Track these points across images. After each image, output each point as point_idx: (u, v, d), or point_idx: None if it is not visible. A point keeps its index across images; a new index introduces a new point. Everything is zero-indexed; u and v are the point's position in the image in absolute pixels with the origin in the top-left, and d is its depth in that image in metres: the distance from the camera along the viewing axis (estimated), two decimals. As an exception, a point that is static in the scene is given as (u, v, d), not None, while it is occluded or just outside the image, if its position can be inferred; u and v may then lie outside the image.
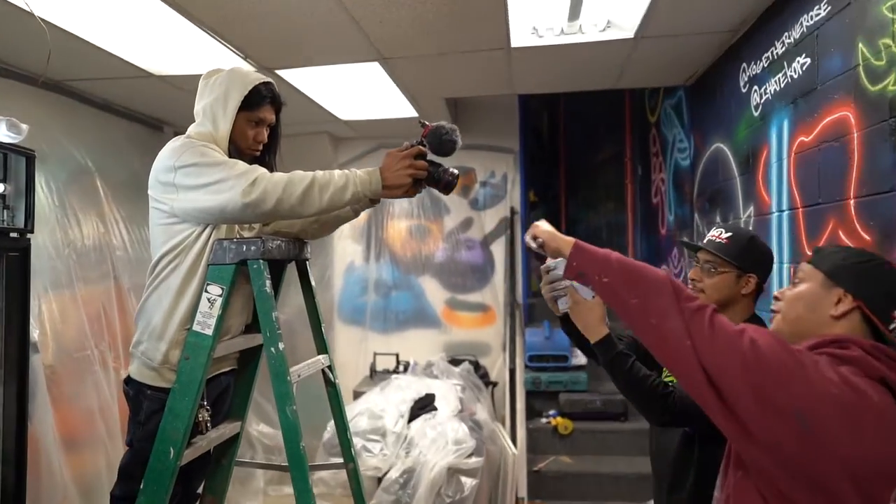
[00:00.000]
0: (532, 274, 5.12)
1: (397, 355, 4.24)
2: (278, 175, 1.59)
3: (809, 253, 1.87)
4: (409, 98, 3.72)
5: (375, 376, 4.15)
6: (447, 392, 3.28)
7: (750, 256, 1.71)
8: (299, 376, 1.72)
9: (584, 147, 5.35)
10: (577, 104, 5.40)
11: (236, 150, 1.76)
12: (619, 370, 1.63)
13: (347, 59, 2.99)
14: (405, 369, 4.04)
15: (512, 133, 4.85)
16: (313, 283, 1.99)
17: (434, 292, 4.87)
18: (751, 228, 2.75)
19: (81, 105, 3.42)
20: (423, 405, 3.09)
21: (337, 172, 1.62)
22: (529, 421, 3.97)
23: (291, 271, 2.04)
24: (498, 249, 4.86)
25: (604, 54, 3.01)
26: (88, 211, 3.25)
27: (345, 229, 4.90)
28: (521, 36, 2.76)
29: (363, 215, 4.65)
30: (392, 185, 1.65)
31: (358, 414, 3.05)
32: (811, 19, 2.17)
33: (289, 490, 4.08)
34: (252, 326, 1.92)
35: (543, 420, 3.98)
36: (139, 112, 3.91)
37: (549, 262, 1.88)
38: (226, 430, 1.92)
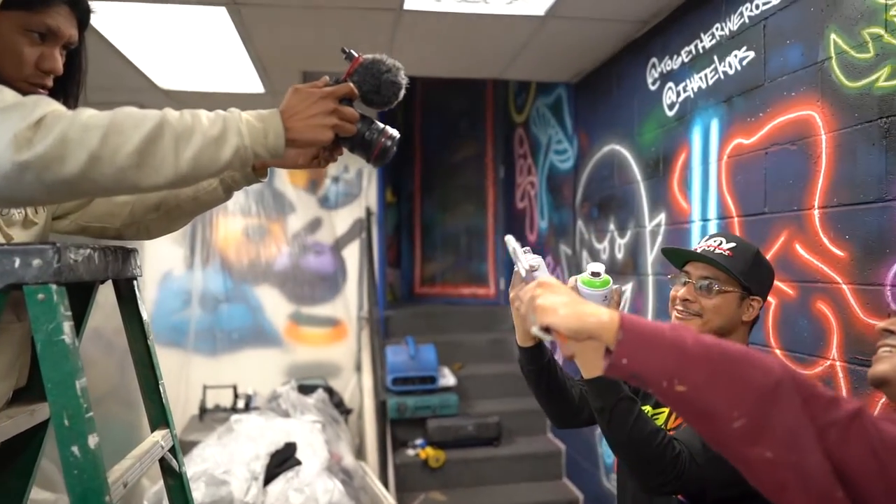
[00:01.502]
0: (391, 283, 4.60)
1: (235, 388, 3.41)
2: (88, 113, 0.87)
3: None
4: (257, 67, 2.98)
5: (206, 417, 3.27)
6: (309, 436, 2.61)
7: (756, 275, 1.37)
8: (125, 486, 1.00)
9: (442, 144, 4.97)
10: (436, 97, 5.00)
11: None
12: (622, 420, 1.18)
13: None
14: (246, 405, 3.25)
15: (368, 123, 4.27)
16: (145, 315, 1.26)
17: (275, 305, 4.10)
18: (659, 239, 2.52)
19: None
20: (283, 459, 2.39)
21: (204, 113, 0.92)
22: (395, 454, 3.44)
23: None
24: (351, 255, 4.25)
25: (505, 33, 2.59)
26: None
27: (160, 228, 3.92)
28: (417, -3, 2.24)
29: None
30: (301, 140, 0.97)
31: (192, 478, 2.25)
32: (755, 9, 1.95)
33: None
34: (26, 393, 1.14)
35: (411, 452, 3.47)
36: None
37: (527, 259, 1.40)
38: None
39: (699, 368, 0.75)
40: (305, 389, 3.47)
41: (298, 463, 2.41)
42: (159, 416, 1.24)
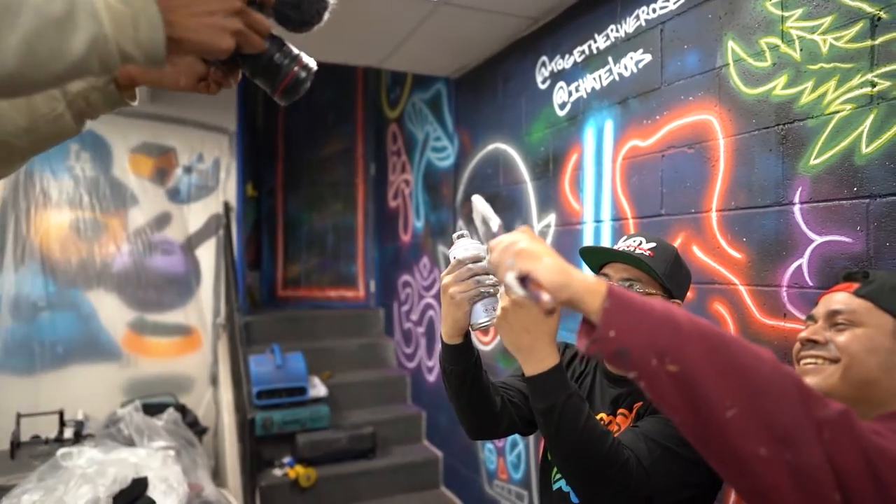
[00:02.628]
0: (251, 285, 4.19)
1: (61, 414, 2.82)
2: None
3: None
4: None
5: (21, 452, 2.63)
6: (162, 468, 2.20)
7: (677, 276, 1.33)
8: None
9: (309, 138, 4.64)
10: (302, 87, 4.65)
11: None
12: (572, 421, 1.06)
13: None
14: (77, 435, 2.69)
15: (228, 109, 3.86)
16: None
17: (112, 312, 3.53)
18: (549, 240, 2.50)
19: None
20: (132, 500, 1.97)
21: None
22: (260, 475, 3.10)
23: None
24: (206, 255, 3.80)
25: (394, 16, 2.42)
26: None
27: (-43, 220, 3.22)
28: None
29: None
30: (189, 41, 0.66)
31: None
32: (653, 12, 1.97)
33: None
34: None
35: (278, 472, 3.15)
36: None
37: (466, 240, 1.25)
38: None
39: (694, 348, 0.66)
40: (152, 409, 3.00)
41: (152, 502, 2.02)
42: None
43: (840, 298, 1.04)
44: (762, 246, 1.61)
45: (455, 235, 1.24)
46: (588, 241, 2.26)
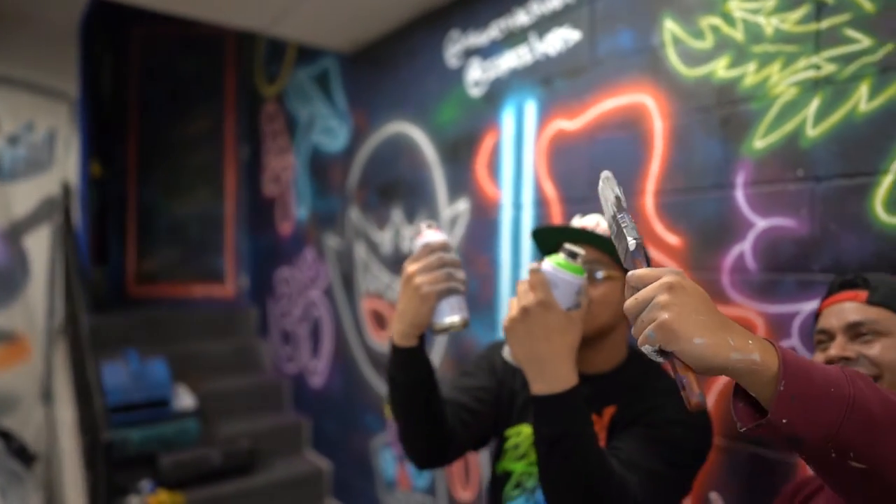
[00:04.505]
0: (95, 281, 3.57)
1: None
2: None
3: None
4: None
5: None
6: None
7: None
8: None
9: (167, 113, 4.07)
10: (160, 55, 4.08)
11: None
12: (582, 454, 0.91)
13: None
14: None
15: (66, 70, 3.24)
16: None
17: None
18: (461, 226, 2.34)
19: None
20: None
21: None
22: (112, 506, 2.60)
23: None
24: (37, 245, 3.16)
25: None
26: None
27: None
28: None
29: None
30: None
31: None
32: (581, -13, 1.88)
33: None
34: None
35: (135, 501, 2.67)
36: None
37: (434, 231, 1.05)
38: None
39: (890, 441, 0.53)
40: (-35, 436, 2.40)
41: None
42: None
43: (854, 308, 1.00)
44: (701, 231, 1.56)
45: (424, 224, 1.06)
46: (507, 226, 2.13)
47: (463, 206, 2.32)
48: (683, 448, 1.05)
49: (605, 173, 0.78)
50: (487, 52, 2.21)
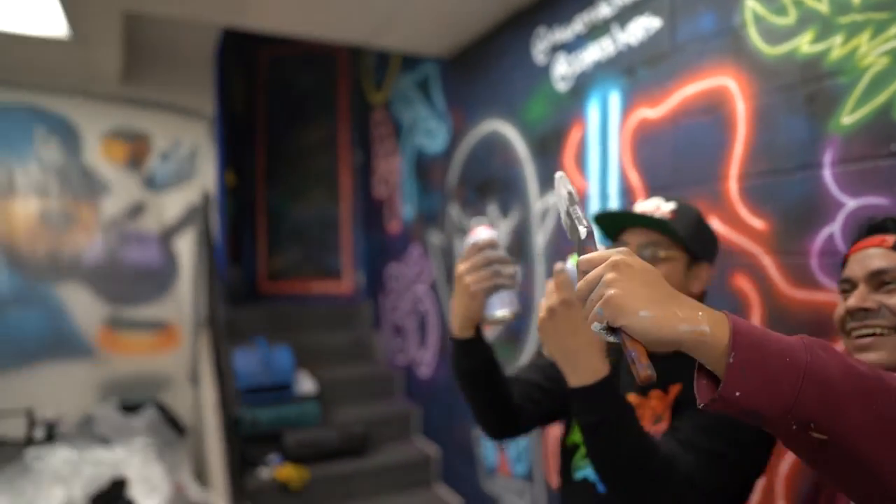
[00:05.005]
0: (232, 279, 4.01)
1: (30, 412, 2.63)
2: None
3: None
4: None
5: None
6: (143, 467, 2.05)
7: (701, 238, 1.22)
8: None
9: (290, 125, 4.48)
10: (282, 73, 4.49)
11: None
12: (622, 437, 0.96)
13: None
14: (48, 435, 2.52)
15: (204, 92, 3.68)
16: None
17: (84, 307, 3.34)
18: (550, 220, 2.39)
19: None
20: (110, 501, 1.82)
21: None
22: (246, 476, 2.94)
23: None
24: (184, 246, 3.62)
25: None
26: None
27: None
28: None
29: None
30: None
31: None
32: (661, -26, 1.87)
33: None
34: None
35: (265, 471, 2.99)
36: None
37: (484, 228, 1.14)
38: None
39: (852, 413, 0.51)
40: (130, 408, 2.83)
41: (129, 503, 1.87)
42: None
43: (878, 254, 0.92)
44: (788, 214, 1.51)
45: (473, 220, 1.16)
46: (593, 219, 2.15)
47: (553, 199, 2.37)
48: (746, 426, 1.05)
49: (559, 174, 0.82)
50: (572, 46, 2.25)
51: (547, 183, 2.40)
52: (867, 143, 1.34)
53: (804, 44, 1.47)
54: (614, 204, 2.06)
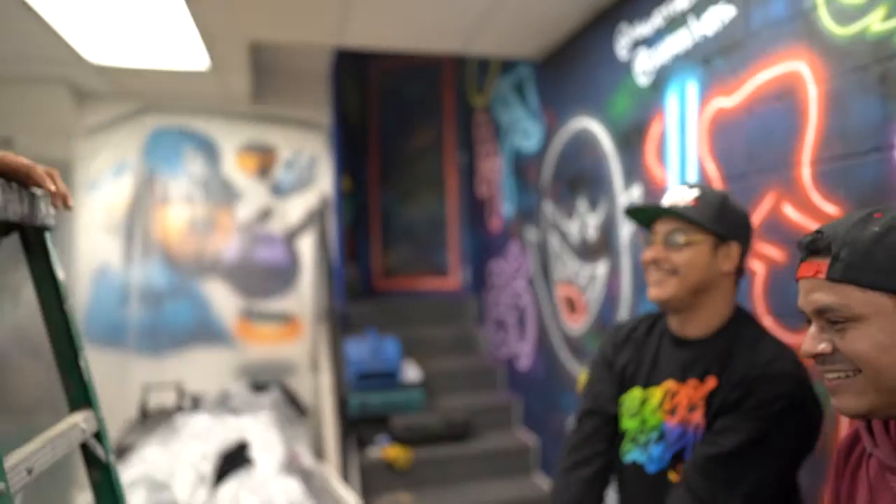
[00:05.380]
0: (350, 276, 4.38)
1: (180, 387, 3.13)
2: None
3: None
4: (203, 36, 2.74)
5: (149, 419, 2.99)
6: (264, 434, 2.39)
7: (726, 219, 1.29)
8: (30, 472, 0.80)
9: (400, 132, 4.79)
10: (392, 84, 4.82)
11: None
12: None
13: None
14: (195, 405, 2.98)
15: (322, 106, 4.07)
16: (61, 274, 1.04)
17: (224, 300, 3.84)
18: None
19: None
20: (233, 458, 2.16)
21: None
22: (358, 454, 3.23)
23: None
24: (305, 246, 4.03)
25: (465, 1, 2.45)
26: None
27: (94, 217, 3.63)
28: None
29: (123, 197, 3.48)
30: None
31: (129, 484, 1.99)
32: (735, -38, 1.86)
33: None
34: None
35: (374, 451, 3.27)
36: None
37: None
38: None
39: None
40: (259, 388, 3.23)
41: (249, 461, 2.19)
42: (80, 395, 1.03)
43: (817, 287, 0.80)
44: (861, 197, 1.47)
45: None
46: (674, 210, 2.17)
47: (636, 191, 2.40)
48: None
49: None
50: (652, 40, 2.27)
51: (631, 176, 2.44)
52: (941, 120, 1.29)
53: (875, 21, 1.43)
54: (693, 194, 2.06)
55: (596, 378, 1.49)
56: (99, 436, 1.03)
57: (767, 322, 1.74)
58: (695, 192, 1.29)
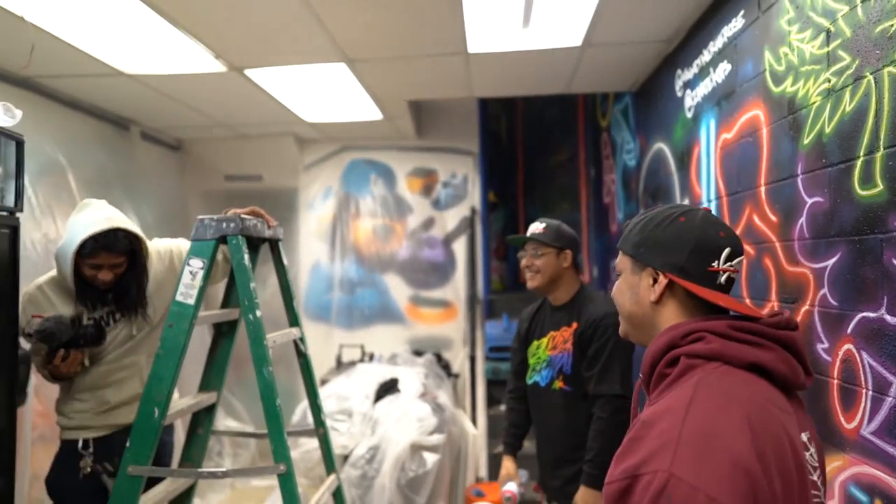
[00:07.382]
0: (492, 272, 5.36)
1: (362, 346, 4.42)
2: None
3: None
4: (374, 100, 3.92)
5: (341, 367, 4.32)
6: (410, 377, 3.46)
7: (561, 238, 2.30)
8: (274, 342, 1.89)
9: (541, 150, 5.63)
10: (534, 108, 5.68)
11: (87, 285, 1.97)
12: None
13: (314, 59, 3.16)
14: (370, 359, 4.22)
15: (472, 136, 5.09)
16: (285, 261, 2.16)
17: (398, 289, 5.05)
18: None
19: (47, 101, 3.45)
20: (388, 387, 3.26)
21: None
22: (490, 408, 4.17)
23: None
24: (459, 247, 5.08)
25: (553, 60, 3.26)
26: (60, 204, 3.33)
27: (311, 228, 5.06)
28: (476, 42, 2.99)
29: (329, 213, 4.83)
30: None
31: (326, 397, 3.20)
32: (731, 30, 2.45)
33: (256, 483, 4.16)
34: (227, 303, 2.09)
35: (503, 407, 4.18)
36: (106, 110, 3.96)
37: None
38: (203, 398, 2.07)
39: None
40: (418, 353, 4.34)
41: (399, 391, 3.27)
42: (293, 319, 2.14)
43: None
44: (785, 210, 2.04)
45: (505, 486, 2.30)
46: (705, 218, 2.76)
47: (686, 202, 3.01)
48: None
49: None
50: (692, 83, 2.88)
51: (684, 191, 3.05)
52: (814, 158, 1.86)
53: (788, 85, 2.01)
54: (712, 206, 2.66)
55: (515, 347, 2.53)
56: (302, 339, 2.13)
57: (748, 302, 2.33)
58: (544, 224, 2.30)
